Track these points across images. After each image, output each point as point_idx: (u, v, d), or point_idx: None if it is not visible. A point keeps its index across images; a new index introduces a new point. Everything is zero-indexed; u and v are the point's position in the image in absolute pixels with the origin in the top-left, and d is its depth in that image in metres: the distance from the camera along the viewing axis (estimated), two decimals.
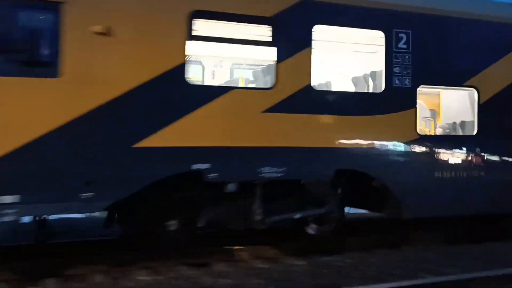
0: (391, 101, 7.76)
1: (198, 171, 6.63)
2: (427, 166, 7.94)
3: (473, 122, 8.44)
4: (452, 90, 8.90)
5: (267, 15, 7.09)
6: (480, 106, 8.32)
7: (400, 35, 7.82)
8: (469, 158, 8.22)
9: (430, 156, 7.99)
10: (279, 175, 7.07)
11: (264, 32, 7.13)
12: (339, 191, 7.90)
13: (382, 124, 7.65)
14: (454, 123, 9.15)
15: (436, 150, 8.05)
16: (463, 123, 8.91)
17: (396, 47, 7.81)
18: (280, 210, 7.47)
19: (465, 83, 8.28)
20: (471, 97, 8.54)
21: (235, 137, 6.84)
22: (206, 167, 6.67)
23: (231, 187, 6.99)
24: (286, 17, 7.17)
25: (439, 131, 9.27)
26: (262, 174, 6.99)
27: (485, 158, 8.32)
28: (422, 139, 7.99)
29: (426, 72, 8.00)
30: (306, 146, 7.22)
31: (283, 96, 7.10)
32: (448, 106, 9.48)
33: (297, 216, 7.62)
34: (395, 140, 7.79)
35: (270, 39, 7.11)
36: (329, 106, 7.41)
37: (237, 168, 6.86)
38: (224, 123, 6.79)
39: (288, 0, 7.20)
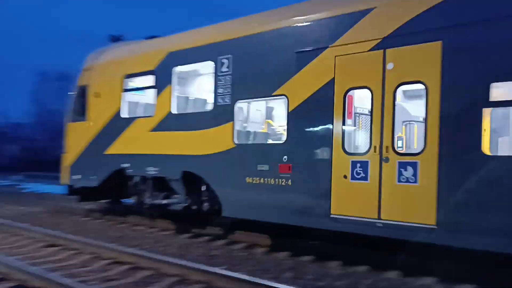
0: (216, 117, 9.32)
1: (123, 168, 11.15)
2: (240, 172, 8.75)
3: (284, 129, 8.45)
4: (267, 100, 8.56)
5: (152, 68, 10.66)
6: (289, 114, 8.21)
7: (223, 60, 9.24)
8: (279, 165, 8.17)
9: (244, 163, 8.74)
10: (155, 173, 10.45)
11: (151, 79, 10.68)
12: (184, 187, 9.87)
13: (210, 136, 9.36)
14: (273, 131, 8.58)
15: (249, 157, 8.65)
16: (276, 132, 8.35)
17: (220, 72, 9.27)
18: (155, 197, 10.60)
19: (275, 93, 8.40)
20: (284, 106, 8.42)
21: (136, 147, 10.87)
22: (126, 166, 11.11)
23: (135, 179, 11.04)
24: (160, 67, 10.47)
25: (258, 140, 9.47)
26: (148, 172, 10.61)
27: (292, 165, 7.98)
28: (237, 148, 8.90)
29: (242, 88, 8.96)
30: (166, 153, 10.19)
31: (157, 121, 10.45)
32: (271, 117, 9.64)
33: (163, 202, 10.44)
34: (218, 149, 9.20)
35: (153, 83, 10.62)
36: (179, 125, 9.98)
37: (138, 167, 10.85)
38: (132, 139, 10.90)
39: (161, 56, 10.46)
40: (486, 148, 6.20)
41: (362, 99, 8.15)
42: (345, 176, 7.42)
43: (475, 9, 6.29)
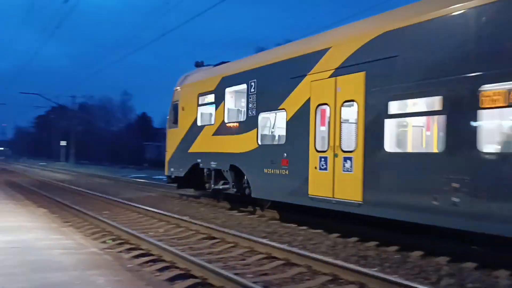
0: (248, 124, 12.38)
1: (198, 162, 14.78)
2: (261, 165, 11.76)
3: (284, 135, 11.21)
4: (276, 113, 11.59)
5: (212, 89, 14.21)
6: (287, 123, 11.07)
7: (251, 83, 12.27)
8: (282, 159, 11.15)
9: (263, 158, 11.75)
10: (215, 166, 13.79)
11: (212, 97, 14.15)
12: (232, 177, 12.90)
13: (245, 138, 12.43)
14: (279, 135, 11.86)
15: (266, 154, 11.68)
16: (280, 136, 11.48)
17: (250, 91, 12.32)
18: (216, 184, 13.96)
19: (280, 107, 11.33)
20: (284, 117, 11.22)
21: (205, 147, 14.28)
22: (199, 161, 14.70)
23: (205, 170, 14.47)
24: (217, 88, 13.87)
25: (271, 141, 12.06)
26: (211, 165, 13.96)
27: (289, 160, 10.96)
28: (260, 147, 11.98)
29: (262, 104, 11.94)
30: (221, 151, 13.44)
31: (216, 127, 13.83)
32: (278, 125, 12.06)
33: (220, 187, 13.65)
34: (249, 148, 12.27)
35: (214, 100, 14.10)
36: (228, 131, 13.22)
37: (206, 162, 14.19)
38: (203, 141, 14.40)
39: (217, 80, 13.81)
40: (387, 147, 8.60)
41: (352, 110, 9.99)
42: (315, 167, 9.98)
43: (380, 50, 8.70)
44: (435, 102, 7.75)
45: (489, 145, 7.17)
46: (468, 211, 7.08)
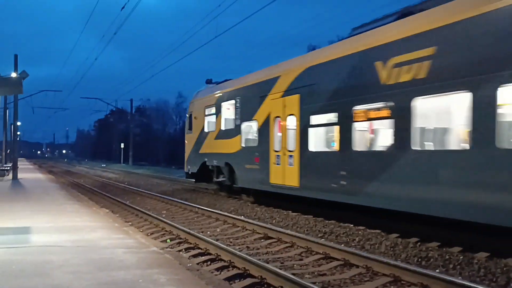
0: (235, 131, 15.95)
1: (205, 161, 18.13)
2: (244, 161, 15.23)
3: (256, 139, 14.74)
4: (252, 122, 15.23)
5: (214, 103, 17.80)
6: (257, 130, 14.69)
7: (237, 99, 15.93)
8: (255, 158, 14.71)
9: (245, 157, 15.26)
10: (216, 163, 17.28)
11: (214, 109, 17.70)
12: (227, 172, 16.61)
13: (234, 142, 16.02)
14: (253, 140, 15.15)
15: (247, 154, 15.21)
16: (254, 140, 14.98)
17: (237, 106, 15.93)
18: (219, 177, 17.41)
19: (253, 118, 14.99)
20: (256, 125, 14.90)
21: (210, 149, 17.88)
22: (206, 159, 18.06)
23: (210, 167, 17.93)
24: (217, 102, 17.43)
25: (250, 145, 15.36)
26: (214, 163, 17.47)
27: (259, 157, 14.53)
28: (243, 149, 15.59)
29: (243, 115, 15.54)
30: (220, 152, 16.93)
31: (216, 133, 17.41)
32: (253, 132, 15.52)
33: (219, 180, 17.42)
34: (236, 149, 15.93)
35: (215, 112, 17.77)
36: (224, 135, 16.84)
37: (210, 160, 17.75)
38: (208, 144, 18.00)
39: (217, 96, 17.52)
40: (311, 147, 12.18)
41: (293, 121, 13.08)
42: (274, 163, 13.60)
43: (307, 79, 12.23)
44: (334, 116, 11.19)
45: (358, 146, 10.65)
46: (351, 190, 10.47)
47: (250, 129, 15.56)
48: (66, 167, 58.87)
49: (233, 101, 16.22)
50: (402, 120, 9.02)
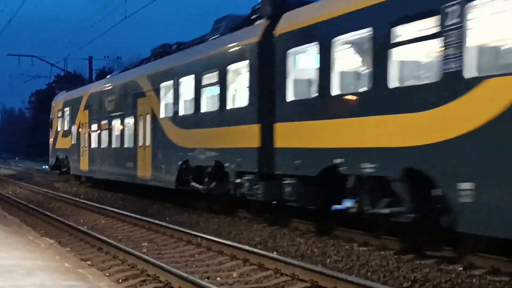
0: (68, 132, 37.78)
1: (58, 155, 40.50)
2: (74, 154, 36.42)
3: (78, 138, 35.19)
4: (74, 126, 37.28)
5: (60, 108, 40.95)
6: (76, 132, 35.98)
7: (67, 108, 38.48)
8: (78, 151, 35.32)
9: (75, 150, 35.91)
10: (61, 156, 39.06)
11: (60, 113, 40.71)
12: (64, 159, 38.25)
13: (68, 140, 36.63)
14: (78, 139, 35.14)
15: (75, 149, 35.89)
16: (79, 139, 35.25)
17: (68, 113, 38.20)
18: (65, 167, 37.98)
19: (75, 123, 36.28)
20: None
21: (58, 144, 40.07)
22: (58, 154, 40.19)
23: (60, 159, 39.89)
24: (62, 108, 40.16)
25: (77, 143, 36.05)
26: (60, 156, 39.57)
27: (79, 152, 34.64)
28: (73, 145, 36.97)
29: (72, 121, 36.94)
30: (61, 148, 39.44)
31: (61, 133, 39.52)
32: (77, 133, 36.84)
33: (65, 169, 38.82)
34: (68, 145, 37.60)
35: (61, 115, 40.89)
36: (63, 135, 39.06)
37: (61, 153, 39.24)
38: (60, 140, 40.10)
39: (60, 104, 40.77)
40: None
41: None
42: (81, 156, 32.71)
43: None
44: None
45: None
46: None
47: (76, 130, 34.76)
48: None
49: (67, 108, 36.76)
50: None
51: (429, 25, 11.62)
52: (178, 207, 22.50)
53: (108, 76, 34.53)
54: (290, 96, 15.81)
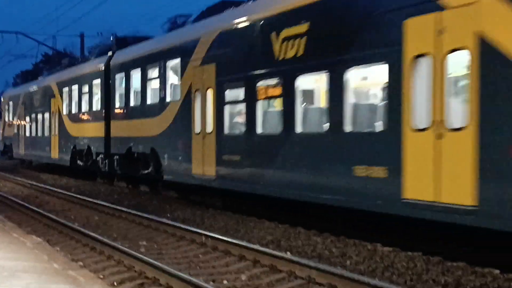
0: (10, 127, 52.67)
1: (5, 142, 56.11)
2: (16, 141, 50.25)
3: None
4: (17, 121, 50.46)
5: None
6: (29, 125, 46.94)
7: (11, 102, 53.75)
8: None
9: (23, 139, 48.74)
10: (8, 143, 54.69)
11: (12, 105, 54.89)
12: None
13: (12, 129, 51.02)
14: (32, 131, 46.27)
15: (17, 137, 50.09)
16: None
17: (12, 107, 52.92)
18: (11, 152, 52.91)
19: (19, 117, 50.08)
20: None
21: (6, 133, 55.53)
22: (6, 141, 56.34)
23: (7, 145, 54.68)
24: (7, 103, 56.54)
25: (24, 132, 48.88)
26: (7, 142, 55.13)
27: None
28: (15, 134, 50.08)
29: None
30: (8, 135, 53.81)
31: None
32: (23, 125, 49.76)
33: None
34: (13, 134, 51.94)
35: (12, 106, 55.23)
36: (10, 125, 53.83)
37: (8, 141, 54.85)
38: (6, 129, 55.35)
39: (5, 100, 57.05)
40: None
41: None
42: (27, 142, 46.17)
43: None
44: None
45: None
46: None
47: (16, 122, 47.70)
48: None
49: (11, 103, 50.28)
50: None
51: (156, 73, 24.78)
52: (180, 202, 22.64)
53: (38, 79, 48.19)
54: (116, 104, 28.66)
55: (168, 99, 23.05)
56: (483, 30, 10.90)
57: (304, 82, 16.14)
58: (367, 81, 15.41)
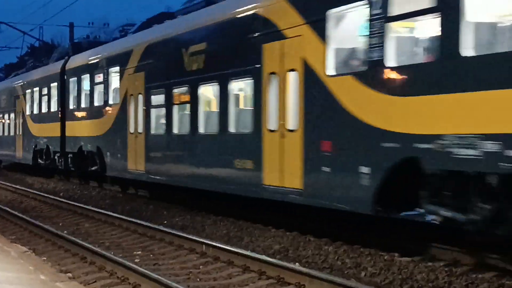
0: None
1: None
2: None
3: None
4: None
5: None
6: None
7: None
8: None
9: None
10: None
11: None
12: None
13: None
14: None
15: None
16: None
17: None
18: None
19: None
20: None
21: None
22: None
23: None
24: None
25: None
26: None
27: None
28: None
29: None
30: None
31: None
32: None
33: None
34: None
35: None
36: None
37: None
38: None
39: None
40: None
41: None
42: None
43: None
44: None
45: None
46: None
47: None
48: None
49: None
50: None
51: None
52: (178, 208, 22.47)
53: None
54: (70, 106, 32.69)
55: (110, 102, 27.82)
56: (305, 56, 15.26)
57: (204, 90, 20.58)
58: (242, 92, 19.66)
